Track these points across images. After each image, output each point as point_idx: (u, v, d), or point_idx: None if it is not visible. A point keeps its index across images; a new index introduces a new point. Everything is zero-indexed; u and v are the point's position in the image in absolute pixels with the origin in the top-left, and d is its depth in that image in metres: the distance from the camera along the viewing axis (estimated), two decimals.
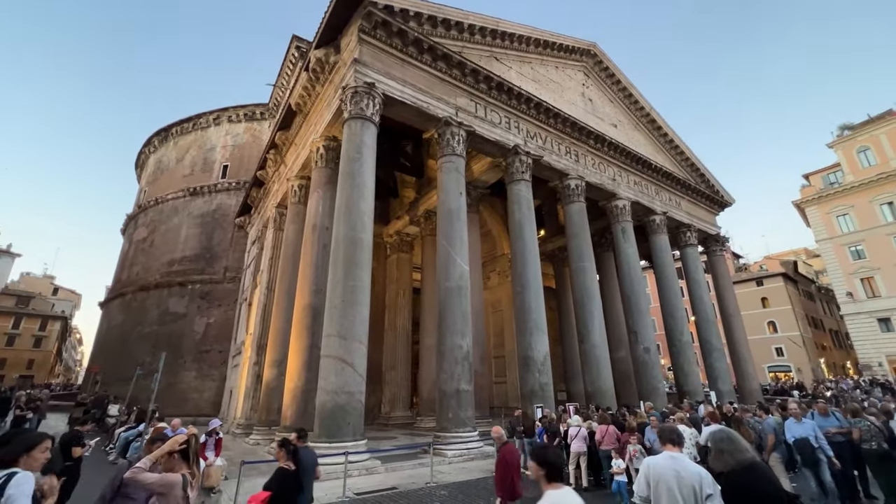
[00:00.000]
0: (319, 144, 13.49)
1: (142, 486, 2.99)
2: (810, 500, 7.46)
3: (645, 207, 19.92)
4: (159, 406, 16.64)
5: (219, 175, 29.53)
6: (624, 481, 7.21)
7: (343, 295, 9.80)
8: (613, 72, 20.92)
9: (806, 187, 39.45)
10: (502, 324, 22.92)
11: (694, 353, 19.28)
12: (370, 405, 15.96)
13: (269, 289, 17.21)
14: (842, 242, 35.78)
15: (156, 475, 2.95)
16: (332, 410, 8.99)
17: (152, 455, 3.05)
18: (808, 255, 61.30)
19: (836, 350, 46.90)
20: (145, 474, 2.91)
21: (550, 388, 12.77)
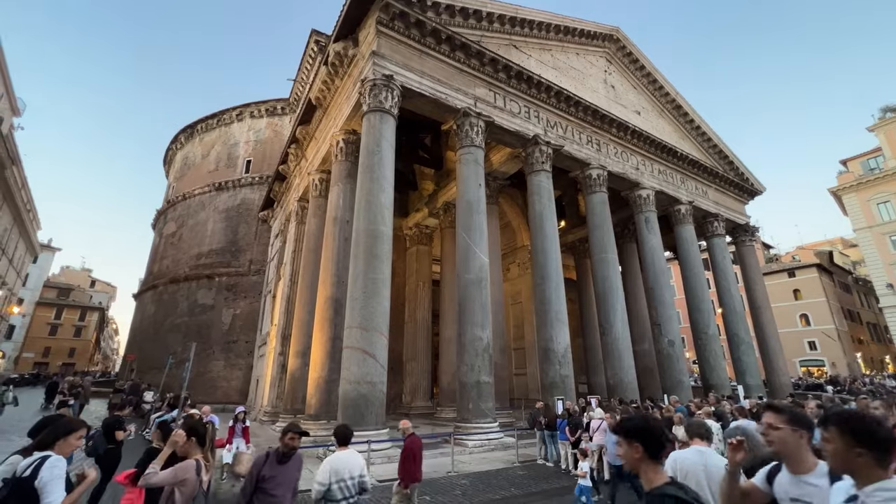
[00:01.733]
0: (339, 138, 13.60)
1: (157, 486, 3.18)
2: None
3: (670, 197, 19.36)
4: (191, 393, 17.34)
5: (242, 170, 30.22)
6: (588, 486, 6.40)
7: (364, 287, 9.93)
8: (637, 57, 20.27)
9: (843, 174, 37.47)
10: (522, 315, 22.82)
11: (721, 347, 18.75)
12: (391, 395, 16.21)
13: (292, 281, 17.59)
14: (882, 231, 33.93)
15: (167, 471, 3.18)
16: (354, 400, 9.18)
17: (159, 458, 3.25)
18: (844, 245, 58.49)
19: (874, 344, 44.81)
20: (156, 476, 3.12)
21: (571, 381, 12.68)
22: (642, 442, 1.88)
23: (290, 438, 3.81)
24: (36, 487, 2.55)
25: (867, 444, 1.60)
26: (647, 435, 1.89)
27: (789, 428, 1.96)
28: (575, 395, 12.73)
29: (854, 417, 1.70)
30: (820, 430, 1.76)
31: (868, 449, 1.59)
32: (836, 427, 1.67)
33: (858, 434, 1.62)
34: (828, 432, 1.70)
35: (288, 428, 3.87)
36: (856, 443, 1.61)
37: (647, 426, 1.92)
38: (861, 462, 1.60)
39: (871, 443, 1.60)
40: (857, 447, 1.61)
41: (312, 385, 12.03)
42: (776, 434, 1.99)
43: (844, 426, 1.66)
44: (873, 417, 1.74)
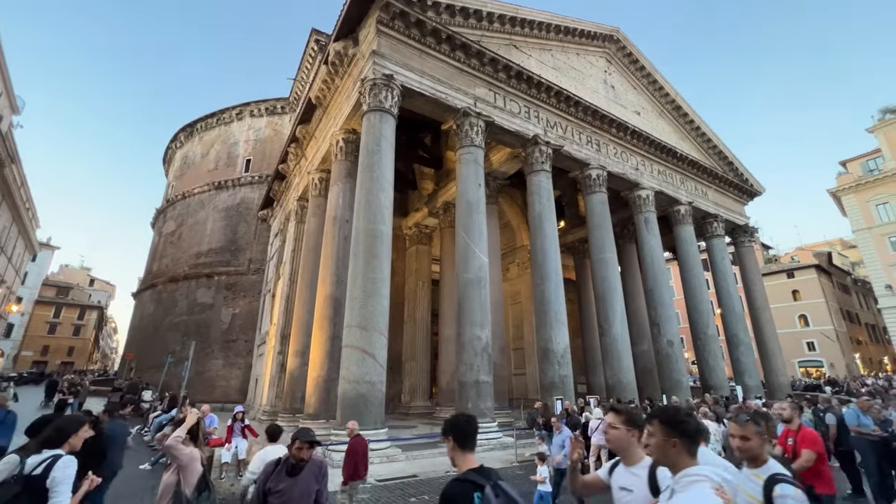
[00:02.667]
0: (339, 137, 13.60)
1: (176, 456, 3.48)
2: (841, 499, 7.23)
3: (669, 197, 19.38)
4: (189, 392, 17.34)
5: (242, 169, 30.21)
6: (548, 491, 6.02)
7: (364, 286, 9.94)
8: (637, 57, 20.28)
9: (843, 175, 37.53)
10: (522, 315, 22.83)
11: (720, 347, 18.78)
12: (390, 395, 16.22)
13: (291, 280, 17.59)
14: (881, 232, 33.99)
15: (188, 448, 3.54)
16: (353, 399, 9.18)
17: (185, 425, 3.56)
18: (843, 246, 58.58)
19: (872, 345, 44.91)
20: (182, 446, 3.48)
21: (570, 381, 12.69)
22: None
23: (298, 449, 3.25)
24: (47, 486, 2.56)
25: (679, 434, 1.85)
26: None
27: (624, 427, 2.22)
28: (574, 396, 12.74)
29: (669, 411, 1.99)
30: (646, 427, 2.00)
31: (680, 439, 1.85)
32: (656, 421, 1.92)
33: (672, 426, 1.87)
34: (651, 427, 1.93)
35: (296, 436, 3.32)
36: (670, 434, 1.86)
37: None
38: (674, 452, 1.85)
39: (683, 433, 1.86)
40: (671, 438, 1.85)
41: (311, 384, 12.03)
42: (613, 433, 2.27)
43: (662, 419, 1.91)
44: (685, 411, 2.00)
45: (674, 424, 1.88)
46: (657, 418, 1.94)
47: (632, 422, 2.22)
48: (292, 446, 3.29)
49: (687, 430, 1.87)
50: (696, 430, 1.90)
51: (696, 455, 1.86)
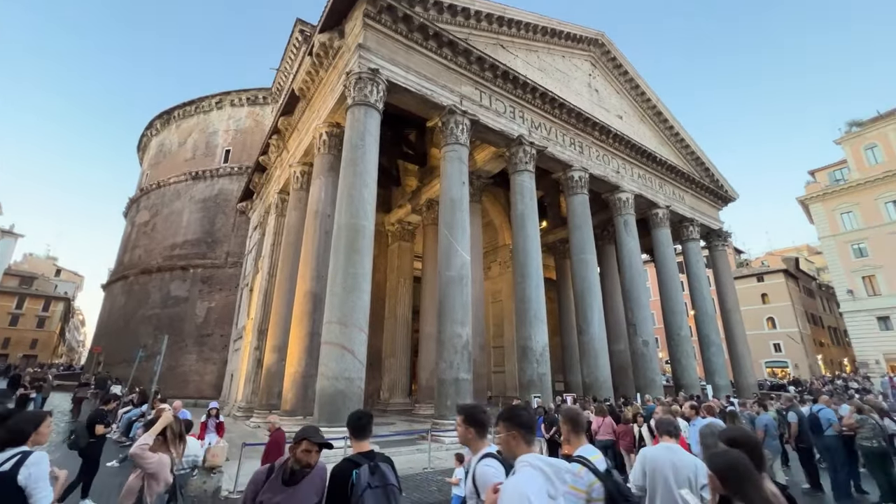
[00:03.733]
0: (322, 131, 13.40)
1: (142, 465, 3.11)
2: (802, 493, 7.58)
3: (648, 201, 19.83)
4: (161, 388, 16.85)
5: (221, 159, 29.45)
6: (461, 495, 5.60)
7: (344, 282, 9.84)
8: (621, 62, 20.64)
9: (811, 184, 39.13)
10: (502, 314, 23.01)
11: (692, 347, 19.36)
12: (369, 391, 16.14)
13: (270, 274, 17.27)
14: (845, 240, 35.63)
15: (156, 455, 3.10)
16: (331, 396, 9.10)
17: (153, 430, 3.18)
18: (810, 252, 61.11)
19: (833, 347, 47.06)
20: (149, 453, 3.04)
21: (548, 379, 12.87)
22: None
23: (305, 451, 2.64)
24: (21, 485, 2.42)
25: (517, 427, 2.15)
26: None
27: (464, 426, 2.50)
28: (551, 393, 12.93)
29: (508, 409, 2.32)
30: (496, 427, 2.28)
31: (517, 430, 2.14)
32: (499, 420, 2.24)
33: (509, 420, 2.17)
34: (498, 426, 2.23)
35: (303, 434, 2.69)
36: (509, 428, 2.15)
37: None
38: (514, 443, 2.14)
39: (519, 426, 2.15)
40: (511, 431, 2.14)
41: (289, 380, 11.86)
42: (458, 430, 2.56)
43: (502, 417, 2.22)
44: (521, 407, 2.36)
45: (511, 419, 2.18)
46: (499, 417, 2.24)
47: (469, 420, 2.50)
48: (297, 448, 2.65)
49: (521, 422, 2.17)
50: (529, 422, 2.20)
51: (531, 444, 2.15)
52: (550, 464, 1.97)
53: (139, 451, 3.09)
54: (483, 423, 2.44)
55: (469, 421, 2.46)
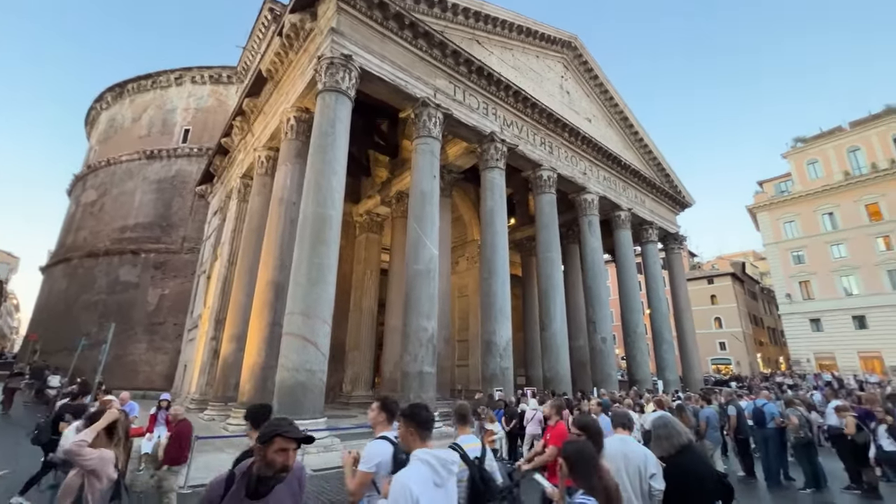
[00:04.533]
0: (290, 115, 12.95)
1: (80, 463, 2.84)
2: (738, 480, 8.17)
3: (612, 203, 20.53)
4: (106, 378, 15.88)
5: (179, 139, 27.86)
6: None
7: (308, 272, 9.61)
8: (592, 66, 21.16)
9: (759, 194, 41.88)
10: (468, 308, 23.23)
11: (647, 345, 20.34)
12: (331, 384, 15.89)
13: (230, 262, 16.60)
14: (786, 247, 38.44)
15: (97, 451, 2.86)
16: (291, 388, 8.89)
17: (95, 427, 2.94)
18: (755, 258, 65.43)
19: (771, 346, 50.81)
20: (88, 450, 2.80)
21: (511, 373, 13.16)
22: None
23: (280, 451, 2.01)
24: None
25: (414, 425, 2.41)
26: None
27: (378, 411, 2.90)
28: (513, 387, 13.23)
29: (409, 407, 2.56)
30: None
31: (415, 428, 2.41)
32: (400, 417, 2.50)
33: (409, 418, 2.46)
34: (399, 422, 2.50)
35: (274, 430, 2.04)
36: (408, 425, 2.44)
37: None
38: (411, 439, 2.42)
39: (417, 424, 2.42)
40: (409, 428, 2.43)
41: (247, 372, 11.50)
42: (371, 414, 2.96)
43: (403, 414, 2.51)
44: (423, 406, 2.57)
45: (410, 416, 2.44)
46: (401, 413, 2.50)
47: (383, 407, 2.90)
48: (267, 448, 2.00)
49: (419, 420, 2.42)
50: (426, 420, 2.45)
51: (426, 440, 2.40)
52: (437, 456, 2.21)
53: (76, 448, 2.80)
54: (393, 412, 2.86)
55: (383, 407, 2.88)
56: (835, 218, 36.07)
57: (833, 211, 36.19)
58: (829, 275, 35.53)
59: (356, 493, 2.58)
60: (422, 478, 2.13)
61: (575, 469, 2.34)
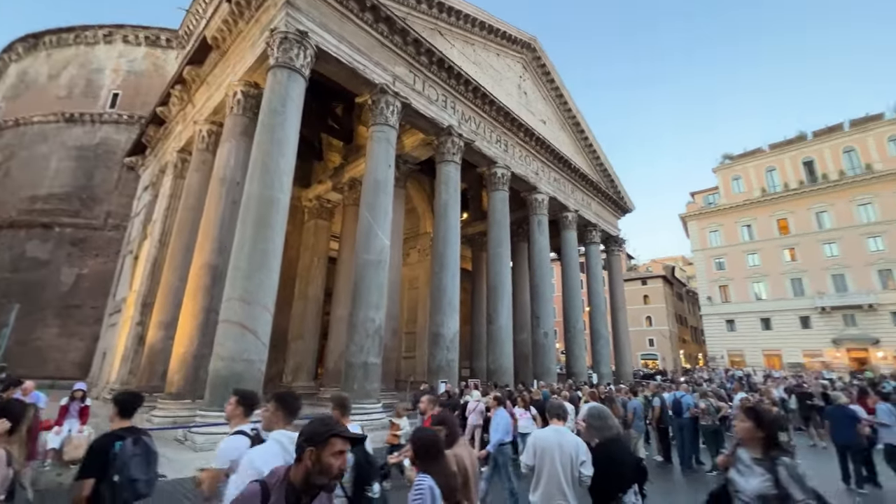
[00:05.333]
0: (237, 89, 12.12)
1: None
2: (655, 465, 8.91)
3: (560, 204, 21.37)
4: (9, 365, 14.16)
5: (107, 104, 25.19)
6: None
7: (250, 257, 9.11)
8: (549, 70, 21.76)
9: (691, 204, 45.56)
10: (417, 300, 23.25)
11: (584, 340, 21.54)
12: (271, 374, 15.28)
13: (161, 242, 15.34)
14: (710, 254, 42.24)
15: None
16: (226, 378, 8.42)
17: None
18: (684, 263, 71.23)
19: (693, 344, 55.77)
20: None
21: (456, 365, 13.37)
22: None
23: (338, 454, 1.73)
24: None
25: (282, 409, 2.69)
26: None
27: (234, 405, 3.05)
28: (458, 379, 13.46)
29: (287, 395, 2.84)
30: None
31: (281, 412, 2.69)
32: (275, 399, 2.79)
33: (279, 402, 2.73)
34: (270, 403, 2.79)
35: (328, 429, 1.77)
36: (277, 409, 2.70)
37: None
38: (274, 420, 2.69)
39: (285, 409, 2.70)
40: (277, 412, 2.70)
41: (177, 360, 10.74)
42: (228, 408, 3.11)
43: (274, 399, 2.78)
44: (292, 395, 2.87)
45: (282, 402, 2.71)
46: (274, 398, 2.78)
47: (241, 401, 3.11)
48: (322, 451, 1.70)
49: (289, 408, 2.69)
50: (294, 408, 2.74)
51: (289, 424, 2.64)
52: (290, 437, 2.38)
53: None
54: (251, 405, 3.07)
55: (240, 401, 3.04)
56: (752, 230, 40.12)
57: (751, 223, 40.22)
58: (744, 281, 39.56)
59: (210, 491, 2.68)
60: (271, 454, 2.29)
61: (419, 455, 2.64)
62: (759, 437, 2.65)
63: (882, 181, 34.17)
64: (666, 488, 7.56)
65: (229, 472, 2.59)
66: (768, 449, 2.60)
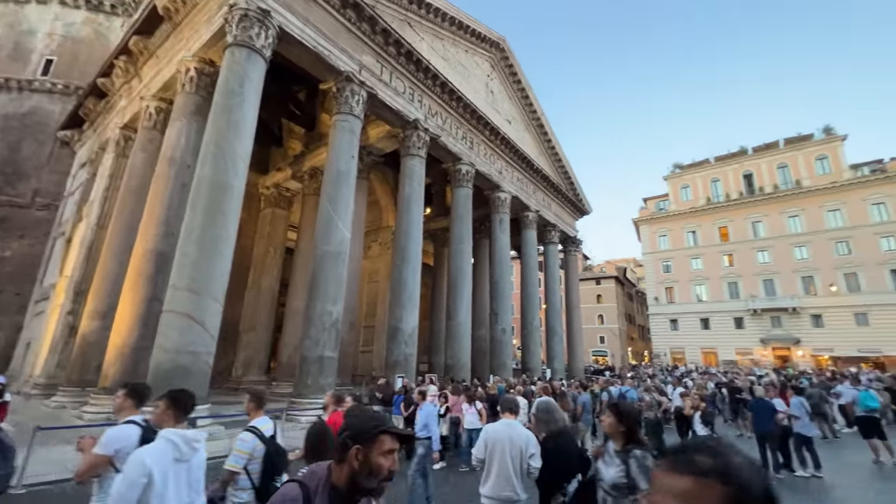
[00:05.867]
0: (191, 65, 11.38)
1: None
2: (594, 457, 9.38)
3: (522, 203, 21.82)
4: None
5: (38, 70, 22.88)
6: None
7: (200, 244, 8.62)
8: (516, 70, 22.08)
9: (643, 209, 47.98)
10: (377, 294, 22.98)
11: (540, 336, 22.20)
12: (219, 368, 14.65)
13: (99, 225, 14.20)
14: (659, 257, 44.75)
15: None
16: (170, 371, 7.95)
17: None
18: (635, 264, 75.00)
19: (640, 342, 58.97)
20: None
21: (414, 360, 13.37)
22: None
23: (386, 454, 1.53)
24: None
25: (174, 408, 2.65)
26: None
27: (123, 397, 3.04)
28: (415, 374, 13.47)
29: (179, 392, 2.79)
30: None
31: (173, 411, 2.64)
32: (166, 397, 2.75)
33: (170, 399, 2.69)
34: (160, 401, 2.73)
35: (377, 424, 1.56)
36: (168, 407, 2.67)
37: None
38: (166, 419, 2.63)
39: (177, 408, 2.67)
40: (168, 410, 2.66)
41: (114, 352, 10.02)
42: (117, 401, 3.09)
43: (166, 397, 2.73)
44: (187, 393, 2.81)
45: (174, 400, 2.68)
46: (167, 397, 2.72)
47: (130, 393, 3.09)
48: (371, 450, 1.50)
49: (180, 406, 2.67)
50: (186, 407, 2.70)
51: (180, 422, 2.65)
52: (181, 435, 2.46)
53: None
54: (142, 398, 3.07)
55: (129, 394, 3.03)
56: (696, 236, 42.88)
57: (696, 230, 42.98)
58: (687, 283, 42.27)
59: (82, 475, 2.65)
60: (160, 452, 2.34)
61: (306, 450, 2.84)
62: (621, 431, 2.84)
63: (809, 196, 37.58)
64: None
65: (114, 461, 2.63)
66: (627, 442, 2.78)
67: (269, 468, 3.11)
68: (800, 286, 36.73)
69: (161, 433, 2.46)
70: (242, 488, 3.05)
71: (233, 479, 3.05)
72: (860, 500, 6.58)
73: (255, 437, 3.13)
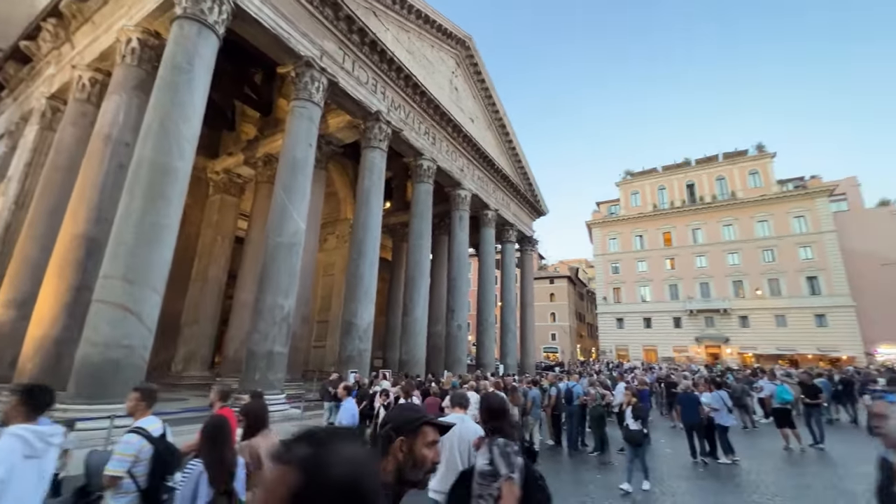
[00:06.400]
0: (133, 36, 10.50)
1: None
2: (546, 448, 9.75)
3: (482, 202, 22.11)
4: None
5: None
6: None
7: (138, 231, 8.00)
8: (480, 69, 22.28)
9: (596, 212, 50.18)
10: (332, 287, 22.49)
11: (495, 333, 22.66)
12: (156, 362, 13.79)
13: (18, 204, 12.83)
14: (608, 259, 47.04)
15: None
16: (98, 366, 7.35)
17: None
18: (587, 265, 78.36)
19: (588, 339, 61.76)
20: None
21: (368, 355, 13.21)
22: None
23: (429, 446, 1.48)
24: None
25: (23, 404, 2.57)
26: None
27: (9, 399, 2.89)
28: (369, 369, 13.32)
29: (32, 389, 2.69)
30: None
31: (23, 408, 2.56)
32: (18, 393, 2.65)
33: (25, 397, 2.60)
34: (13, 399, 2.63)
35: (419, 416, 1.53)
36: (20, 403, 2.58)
37: None
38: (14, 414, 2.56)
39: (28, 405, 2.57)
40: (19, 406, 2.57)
41: (33, 345, 9.13)
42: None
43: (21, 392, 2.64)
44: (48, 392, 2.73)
45: (29, 396, 2.59)
46: (21, 392, 2.63)
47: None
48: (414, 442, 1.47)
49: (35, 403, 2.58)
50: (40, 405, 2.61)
51: (31, 420, 2.54)
52: (34, 431, 2.45)
53: None
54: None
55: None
56: (643, 240, 45.49)
57: (643, 234, 45.57)
58: (633, 285, 44.78)
59: None
60: (8, 449, 2.33)
61: (201, 443, 2.82)
62: (485, 422, 2.96)
63: (742, 207, 40.96)
64: (554, 468, 8.31)
65: None
66: (492, 433, 2.87)
67: (158, 468, 3.05)
68: (731, 289, 40.01)
69: (9, 429, 2.39)
70: (125, 492, 2.92)
71: (114, 484, 2.89)
72: (771, 483, 7.30)
73: (142, 438, 3.05)
